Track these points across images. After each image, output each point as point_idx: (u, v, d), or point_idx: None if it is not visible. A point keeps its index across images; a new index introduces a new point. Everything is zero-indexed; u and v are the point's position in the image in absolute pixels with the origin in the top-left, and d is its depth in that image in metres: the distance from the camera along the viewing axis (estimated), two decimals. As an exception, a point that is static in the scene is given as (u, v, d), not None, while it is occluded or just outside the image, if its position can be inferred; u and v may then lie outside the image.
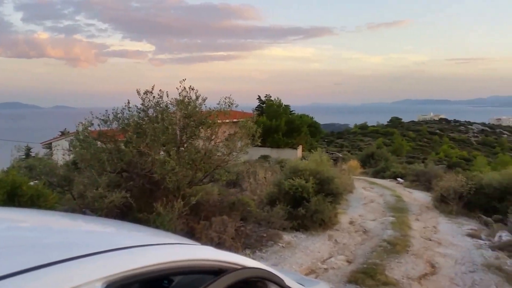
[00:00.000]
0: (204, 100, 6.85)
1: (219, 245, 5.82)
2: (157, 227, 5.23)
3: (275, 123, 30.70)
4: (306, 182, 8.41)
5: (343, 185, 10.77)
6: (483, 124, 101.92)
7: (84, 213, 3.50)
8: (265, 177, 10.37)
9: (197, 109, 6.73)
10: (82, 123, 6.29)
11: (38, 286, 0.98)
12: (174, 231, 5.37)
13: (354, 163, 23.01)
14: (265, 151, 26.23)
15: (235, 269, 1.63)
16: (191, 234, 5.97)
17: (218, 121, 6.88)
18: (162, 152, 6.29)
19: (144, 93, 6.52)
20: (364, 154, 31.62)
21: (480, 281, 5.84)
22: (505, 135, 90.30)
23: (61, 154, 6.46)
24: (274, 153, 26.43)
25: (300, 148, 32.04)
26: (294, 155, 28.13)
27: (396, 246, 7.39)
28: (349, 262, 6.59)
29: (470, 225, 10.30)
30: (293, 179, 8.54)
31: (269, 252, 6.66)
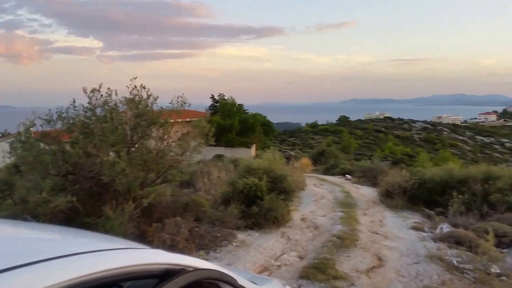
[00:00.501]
0: (155, 99, 6.67)
1: (172, 247, 5.70)
2: (106, 231, 5.02)
3: (229, 122, 30.65)
4: (260, 181, 8.45)
5: (295, 182, 10.93)
6: (425, 122, 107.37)
7: (25, 219, 3.29)
8: (219, 177, 10.31)
9: (149, 108, 6.54)
10: (23, 123, 5.93)
11: None
12: (125, 235, 5.19)
13: (305, 161, 23.46)
14: (219, 150, 26.11)
15: (187, 272, 1.60)
16: (143, 237, 5.79)
17: (171, 120, 6.73)
18: (111, 153, 6.05)
19: (91, 92, 6.24)
20: (315, 152, 32.30)
21: (424, 271, 6.12)
22: (446, 132, 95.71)
23: (1, 157, 6.04)
24: (228, 152, 26.38)
25: (253, 147, 32.19)
26: (248, 154, 28.23)
27: (345, 241, 7.59)
28: (301, 258, 6.69)
29: (414, 218, 10.79)
30: (247, 178, 8.55)
31: (223, 252, 6.61)
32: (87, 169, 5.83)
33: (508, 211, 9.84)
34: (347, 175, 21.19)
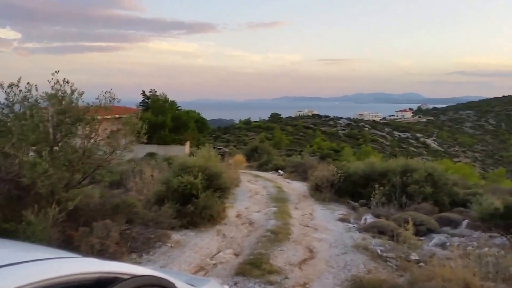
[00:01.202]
0: (81, 94, 6.20)
1: (102, 251, 5.34)
2: (27, 237, 4.58)
3: (161, 119, 29.79)
4: (195, 179, 8.26)
5: (230, 179, 10.87)
6: (349, 118, 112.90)
7: None
8: (152, 176, 9.93)
9: (73, 104, 6.06)
10: None
11: None
12: (49, 240, 4.77)
13: (239, 157, 23.53)
14: (152, 148, 25.34)
15: (121, 280, 1.48)
16: (69, 242, 5.36)
17: (98, 117, 6.32)
18: (31, 153, 5.54)
19: (8, 87, 5.66)
20: (248, 149, 32.56)
21: (351, 261, 6.37)
22: (367, 128, 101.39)
23: None
24: (161, 150, 25.66)
25: (187, 144, 31.65)
26: (182, 151, 27.68)
27: (278, 235, 7.69)
28: (236, 255, 6.65)
29: (340, 210, 11.26)
30: (181, 176, 8.31)
31: (157, 253, 6.36)
32: (5, 170, 5.29)
33: (424, 201, 10.63)
34: (280, 171, 21.61)
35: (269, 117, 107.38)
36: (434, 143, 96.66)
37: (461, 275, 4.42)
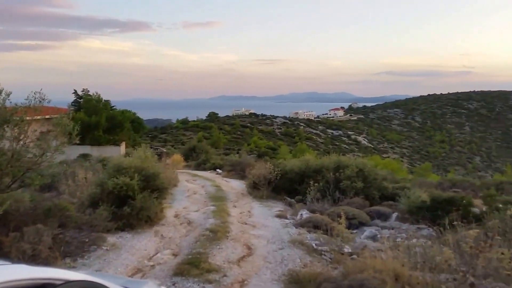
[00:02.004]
0: (8, 94, 5.82)
1: (34, 257, 5.05)
2: None
3: (95, 119, 28.44)
4: (131, 180, 8.05)
5: (168, 179, 10.71)
6: (285, 117, 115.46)
7: None
8: (85, 178, 9.49)
9: (0, 105, 5.69)
10: None
11: None
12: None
13: (177, 157, 23.17)
14: (85, 149, 24.15)
15: (54, 285, 1.45)
16: (-3, 249, 5.02)
17: (27, 118, 5.96)
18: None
19: None
20: (186, 148, 32.15)
21: (288, 256, 6.59)
22: (302, 127, 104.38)
23: None
24: (95, 151, 24.51)
25: (123, 144, 30.51)
26: (117, 152, 26.63)
27: (217, 234, 7.72)
28: (175, 255, 6.59)
29: (278, 207, 11.53)
30: (117, 178, 8.05)
31: (92, 257, 6.13)
32: None
33: (356, 196, 11.22)
34: (218, 170, 21.61)
35: (206, 116, 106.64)
36: (364, 140, 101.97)
37: (391, 266, 4.70)
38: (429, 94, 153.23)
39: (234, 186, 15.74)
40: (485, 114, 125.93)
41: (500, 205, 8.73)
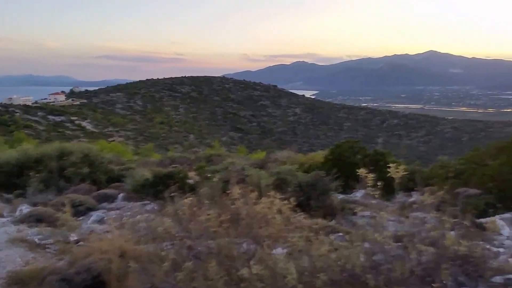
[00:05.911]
0: None
1: None
2: None
3: None
4: None
5: None
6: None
7: None
8: None
9: None
10: None
11: None
12: None
13: None
14: None
15: None
16: None
17: None
18: None
19: None
20: None
21: (6, 257, 5.61)
22: (18, 114, 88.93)
23: None
24: None
25: None
26: None
27: None
28: None
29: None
30: None
31: None
32: None
33: (82, 182, 10.60)
34: None
35: None
36: (89, 125, 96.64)
37: (117, 244, 4.71)
38: (147, 79, 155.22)
39: None
40: (195, 96, 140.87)
41: (209, 174, 10.15)
